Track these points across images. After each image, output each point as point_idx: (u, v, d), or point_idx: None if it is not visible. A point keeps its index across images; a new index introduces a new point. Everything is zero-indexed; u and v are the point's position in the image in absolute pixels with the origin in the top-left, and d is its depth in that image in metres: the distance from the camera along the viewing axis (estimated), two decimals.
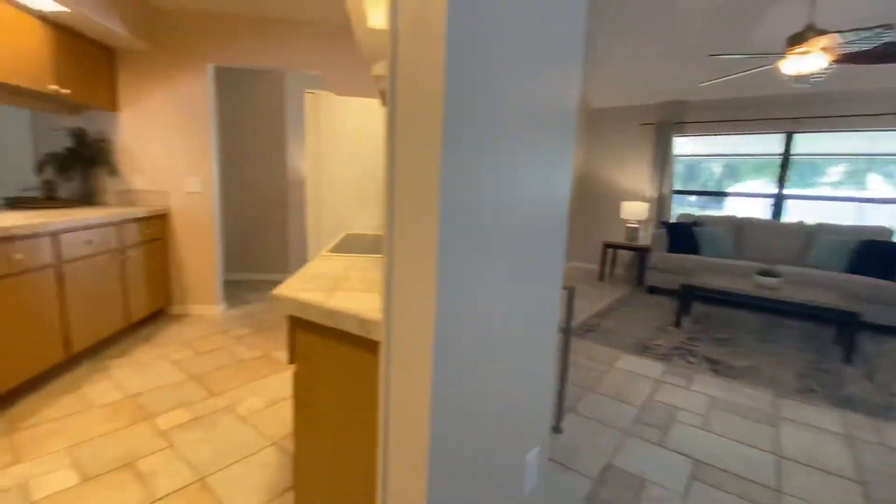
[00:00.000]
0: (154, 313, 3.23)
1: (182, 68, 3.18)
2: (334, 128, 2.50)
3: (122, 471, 1.63)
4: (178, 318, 3.32)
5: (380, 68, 1.49)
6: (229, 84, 4.43)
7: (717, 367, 2.79)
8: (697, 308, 4.17)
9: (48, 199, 2.87)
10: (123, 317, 2.80)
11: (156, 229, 3.17)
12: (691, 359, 2.92)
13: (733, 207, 5.24)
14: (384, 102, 1.56)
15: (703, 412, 2.21)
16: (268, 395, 2.23)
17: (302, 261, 4.86)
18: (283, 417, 2.03)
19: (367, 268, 1.38)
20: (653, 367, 2.75)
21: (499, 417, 1.02)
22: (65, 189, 3.16)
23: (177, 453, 1.74)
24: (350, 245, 1.84)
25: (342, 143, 2.51)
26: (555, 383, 1.91)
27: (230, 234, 4.63)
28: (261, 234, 4.66)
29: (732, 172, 5.25)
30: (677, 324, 3.61)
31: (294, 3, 2.99)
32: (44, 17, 2.45)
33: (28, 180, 2.92)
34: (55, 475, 1.58)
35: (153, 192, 3.27)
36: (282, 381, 2.39)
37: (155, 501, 1.48)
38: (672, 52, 4.07)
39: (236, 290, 4.20)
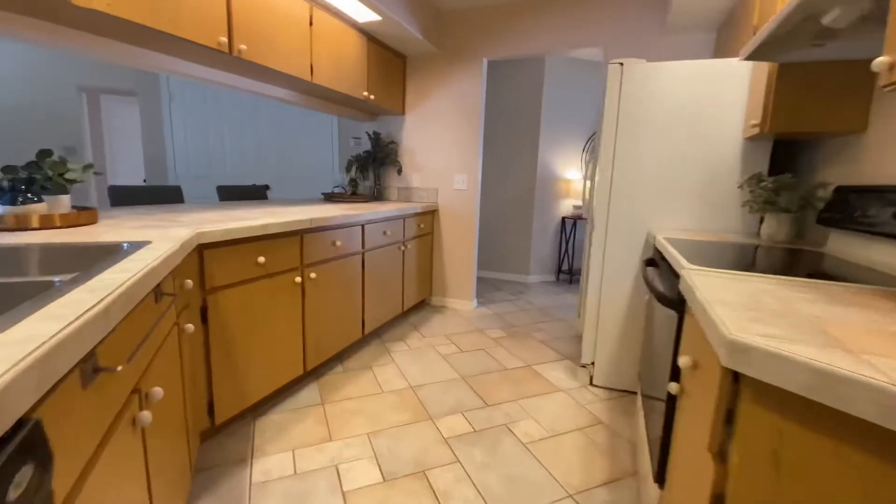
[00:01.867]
0: (419, 303, 3.42)
1: (459, 66, 3.23)
2: (640, 105, 1.99)
3: (416, 479, 1.52)
4: (438, 309, 3.43)
5: None
6: (488, 79, 4.46)
7: None
8: None
9: (353, 195, 3.30)
10: (400, 304, 2.98)
11: (427, 224, 3.32)
12: None
13: None
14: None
15: None
16: (545, 421, 1.90)
17: (544, 264, 4.57)
18: (568, 458, 1.66)
19: (811, 299, 0.82)
20: None
21: None
22: (362, 187, 3.64)
23: (465, 473, 1.56)
24: (696, 254, 1.30)
25: (648, 124, 1.99)
26: None
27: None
28: (504, 233, 4.58)
29: None
30: None
31: None
32: (359, 28, 2.75)
33: (335, 179, 3.45)
34: (360, 466, 1.58)
35: (426, 189, 3.45)
36: (555, 406, 2.04)
37: None
38: None
39: (481, 287, 4.21)
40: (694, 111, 1.91)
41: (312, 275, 2.00)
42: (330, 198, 3.19)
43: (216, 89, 4.30)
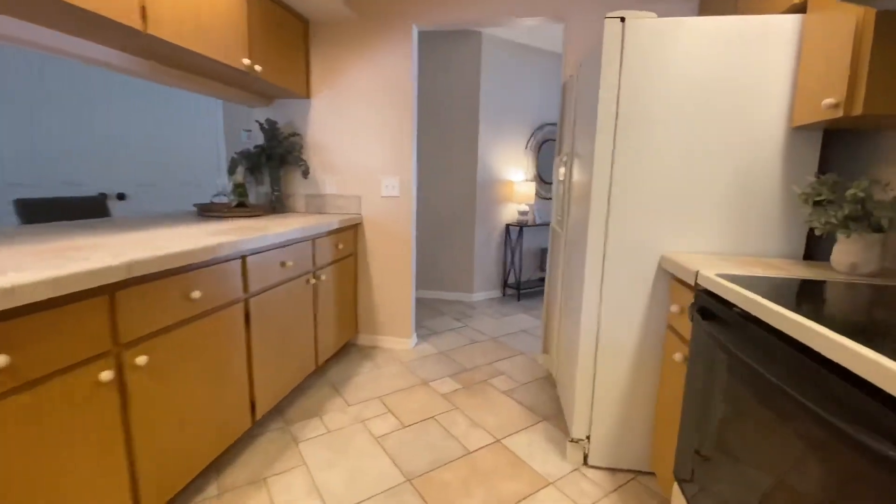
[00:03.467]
0: (342, 349, 2.60)
1: (382, 36, 2.47)
2: (650, 82, 1.40)
3: None
4: (368, 353, 2.64)
5: None
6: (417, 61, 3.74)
7: None
8: None
9: (239, 206, 2.39)
10: (312, 359, 2.15)
11: (348, 243, 2.52)
12: None
13: None
14: None
15: None
16: None
17: (489, 278, 3.96)
18: None
19: None
20: None
21: None
22: (255, 194, 2.72)
23: None
24: (815, 308, 0.70)
25: (662, 108, 1.40)
26: None
27: None
28: (442, 246, 3.89)
29: None
30: None
31: None
32: None
33: (217, 185, 2.51)
34: None
35: (345, 196, 2.64)
36: None
37: None
38: None
39: (420, 312, 3.48)
40: (724, 89, 1.36)
41: (141, 359, 1.14)
42: (206, 211, 2.25)
43: (39, 65, 3.07)
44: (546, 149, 4.15)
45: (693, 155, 1.41)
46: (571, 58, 2.31)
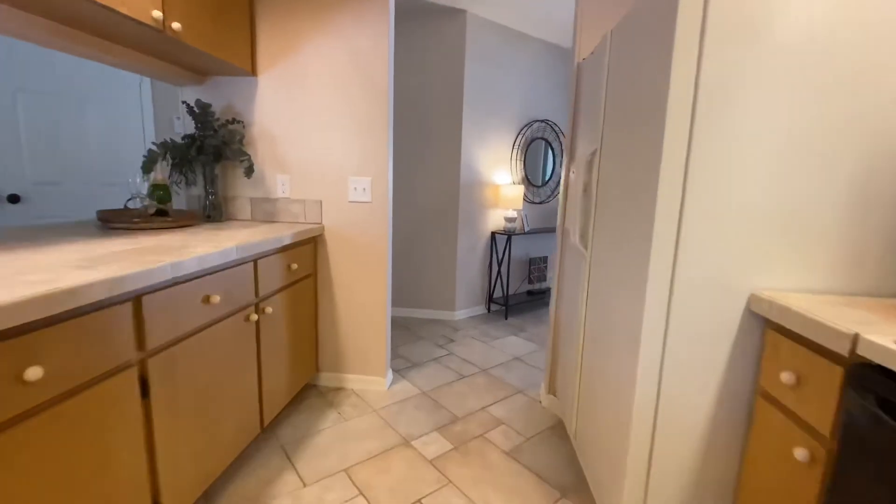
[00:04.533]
0: (298, 395, 2.05)
1: (351, 4, 1.95)
2: (747, 41, 0.96)
3: None
4: (330, 397, 2.11)
5: None
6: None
7: None
8: None
9: (159, 213, 1.81)
10: (256, 418, 1.61)
11: (305, 261, 1.98)
12: None
13: None
14: None
15: None
16: None
17: (472, 293, 3.50)
18: None
19: None
20: None
21: None
22: (185, 197, 2.14)
23: None
24: None
25: (766, 76, 0.97)
26: None
27: None
28: (422, 258, 3.39)
29: None
30: None
31: None
32: None
33: (136, 184, 1.91)
34: None
35: (302, 201, 2.10)
36: None
37: None
38: None
39: (395, 337, 2.97)
40: (857, 42, 0.94)
41: None
42: (110, 221, 1.66)
43: None
44: (534, 149, 3.74)
45: (806, 147, 0.98)
46: (586, 34, 1.87)
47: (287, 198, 2.10)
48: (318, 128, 2.04)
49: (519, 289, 3.82)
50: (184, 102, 1.94)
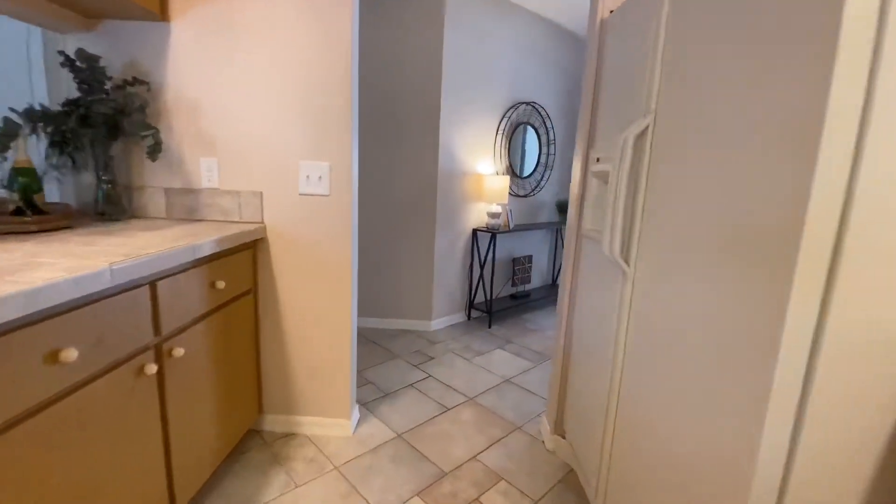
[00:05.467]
0: (235, 449, 1.55)
1: None
2: None
3: None
4: (277, 448, 1.62)
5: None
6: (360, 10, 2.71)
7: None
8: None
9: (18, 212, 1.25)
10: (163, 500, 1.11)
11: (239, 274, 1.47)
12: None
13: None
14: None
15: None
16: None
17: (451, 299, 3.07)
18: None
19: None
20: None
21: None
22: (67, 187, 1.57)
23: None
24: None
25: None
26: None
27: None
28: (393, 261, 2.92)
29: None
30: None
31: None
32: None
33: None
34: None
35: (235, 192, 1.58)
36: None
37: None
38: None
39: (361, 353, 2.49)
40: None
41: None
42: None
43: None
44: (519, 135, 3.32)
45: None
46: None
47: (215, 188, 1.58)
48: (257, 95, 1.52)
49: (501, 292, 3.42)
50: (60, 52, 1.37)
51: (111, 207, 1.46)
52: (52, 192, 1.58)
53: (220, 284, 1.31)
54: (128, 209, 1.53)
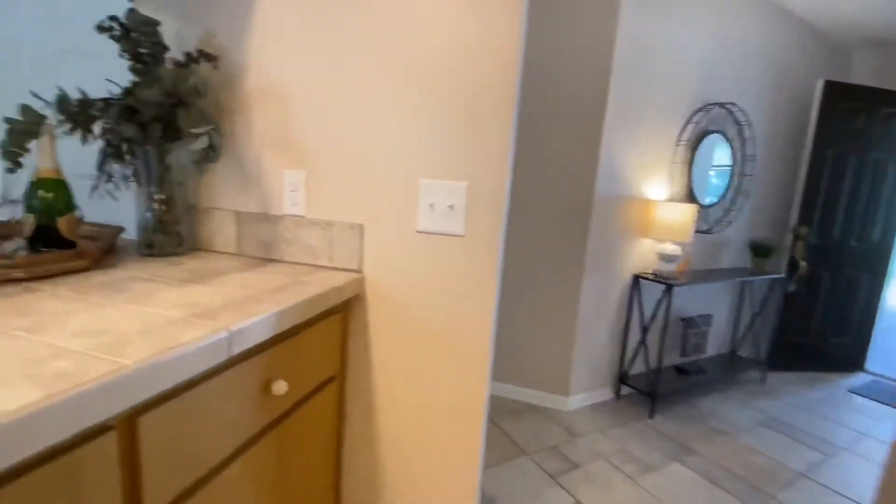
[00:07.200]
0: None
1: None
2: None
3: None
4: None
5: None
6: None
7: None
8: None
9: (39, 237, 0.85)
10: None
11: (321, 354, 0.92)
12: None
13: None
14: None
15: None
16: None
17: (595, 368, 2.28)
18: None
19: None
20: None
21: None
22: (134, 203, 1.19)
23: None
24: None
25: None
26: None
27: None
28: (520, 312, 2.24)
29: None
30: None
31: None
32: None
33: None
34: None
35: (322, 223, 1.05)
36: None
37: None
38: None
39: None
40: None
41: None
42: None
43: None
44: (706, 147, 2.42)
45: None
46: None
47: (299, 216, 1.06)
48: (366, 81, 0.97)
49: (664, 361, 2.51)
50: (112, 19, 0.97)
51: (162, 238, 1.02)
52: (117, 211, 1.21)
53: (279, 389, 0.75)
54: (185, 239, 1.09)
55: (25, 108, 0.87)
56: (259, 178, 1.09)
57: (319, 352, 0.93)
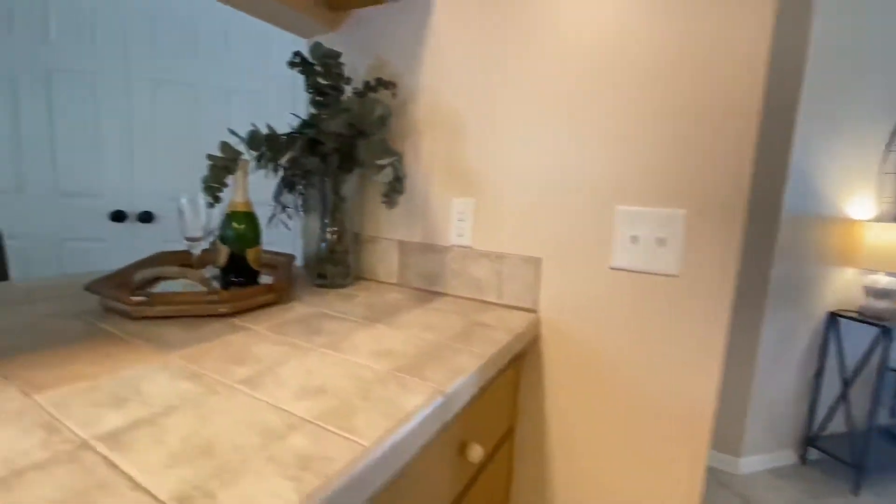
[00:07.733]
0: None
1: None
2: None
3: None
4: None
5: None
6: None
7: None
8: None
9: (230, 269, 0.88)
10: None
11: (498, 412, 0.81)
12: None
13: None
14: None
15: None
16: None
17: (774, 423, 1.88)
18: None
19: None
20: None
21: None
22: (296, 230, 1.22)
23: None
24: None
25: None
26: None
27: None
28: None
29: None
30: None
31: None
32: None
33: (195, 214, 1.04)
34: None
35: (490, 255, 0.95)
36: None
37: None
38: None
39: None
40: None
41: None
42: (106, 293, 0.79)
43: None
44: None
45: None
46: None
47: (466, 247, 0.98)
48: (545, 96, 0.86)
49: (867, 422, 1.97)
50: (296, 55, 1.00)
51: (332, 269, 1.01)
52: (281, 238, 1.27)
53: (475, 454, 0.65)
54: (352, 269, 1.07)
55: (225, 145, 0.91)
56: (426, 206, 1.03)
57: (500, 403, 0.82)
